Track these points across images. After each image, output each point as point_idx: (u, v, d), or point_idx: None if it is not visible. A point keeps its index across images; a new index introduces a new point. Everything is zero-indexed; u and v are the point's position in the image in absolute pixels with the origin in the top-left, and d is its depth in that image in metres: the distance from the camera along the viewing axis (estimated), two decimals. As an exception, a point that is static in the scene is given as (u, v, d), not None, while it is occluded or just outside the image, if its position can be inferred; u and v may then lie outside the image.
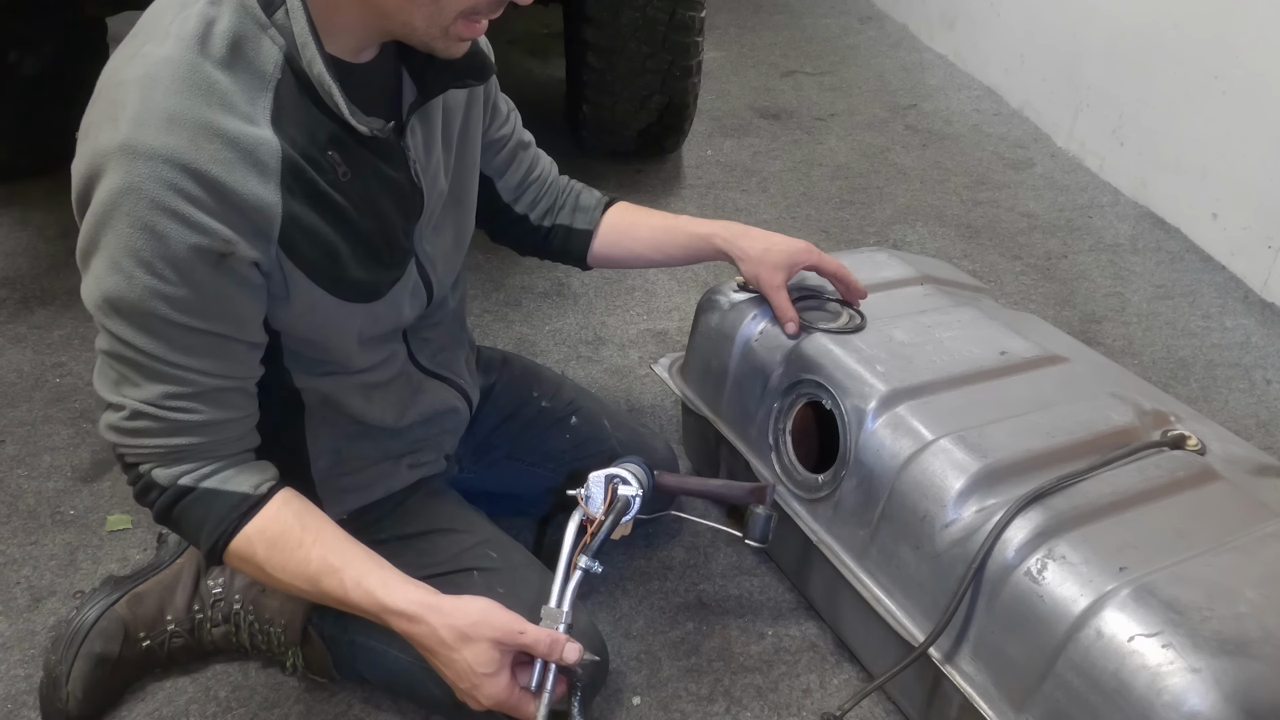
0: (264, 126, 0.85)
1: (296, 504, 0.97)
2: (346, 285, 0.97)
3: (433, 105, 1.03)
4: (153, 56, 0.82)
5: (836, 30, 3.77)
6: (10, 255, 2.15)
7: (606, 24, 2.21)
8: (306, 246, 0.91)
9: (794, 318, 1.29)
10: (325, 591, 0.94)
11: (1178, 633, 0.90)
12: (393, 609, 0.92)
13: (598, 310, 2.04)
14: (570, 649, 0.92)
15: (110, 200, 0.80)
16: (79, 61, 2.34)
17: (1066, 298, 2.16)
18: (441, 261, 1.11)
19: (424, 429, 1.19)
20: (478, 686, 0.90)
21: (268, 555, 0.94)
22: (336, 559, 0.94)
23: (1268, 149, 2.12)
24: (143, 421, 0.91)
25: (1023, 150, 2.83)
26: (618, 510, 1.03)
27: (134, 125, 0.80)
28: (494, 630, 0.91)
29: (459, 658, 0.91)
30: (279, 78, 0.86)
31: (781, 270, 1.29)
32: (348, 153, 0.92)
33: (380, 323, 1.05)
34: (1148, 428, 1.19)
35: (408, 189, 1.01)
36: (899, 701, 1.22)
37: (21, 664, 1.25)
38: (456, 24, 0.88)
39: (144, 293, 0.84)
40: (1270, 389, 1.89)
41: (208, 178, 0.81)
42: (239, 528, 0.94)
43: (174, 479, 0.93)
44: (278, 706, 1.22)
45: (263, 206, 0.85)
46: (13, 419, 1.67)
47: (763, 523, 1.13)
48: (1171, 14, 2.38)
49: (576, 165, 2.62)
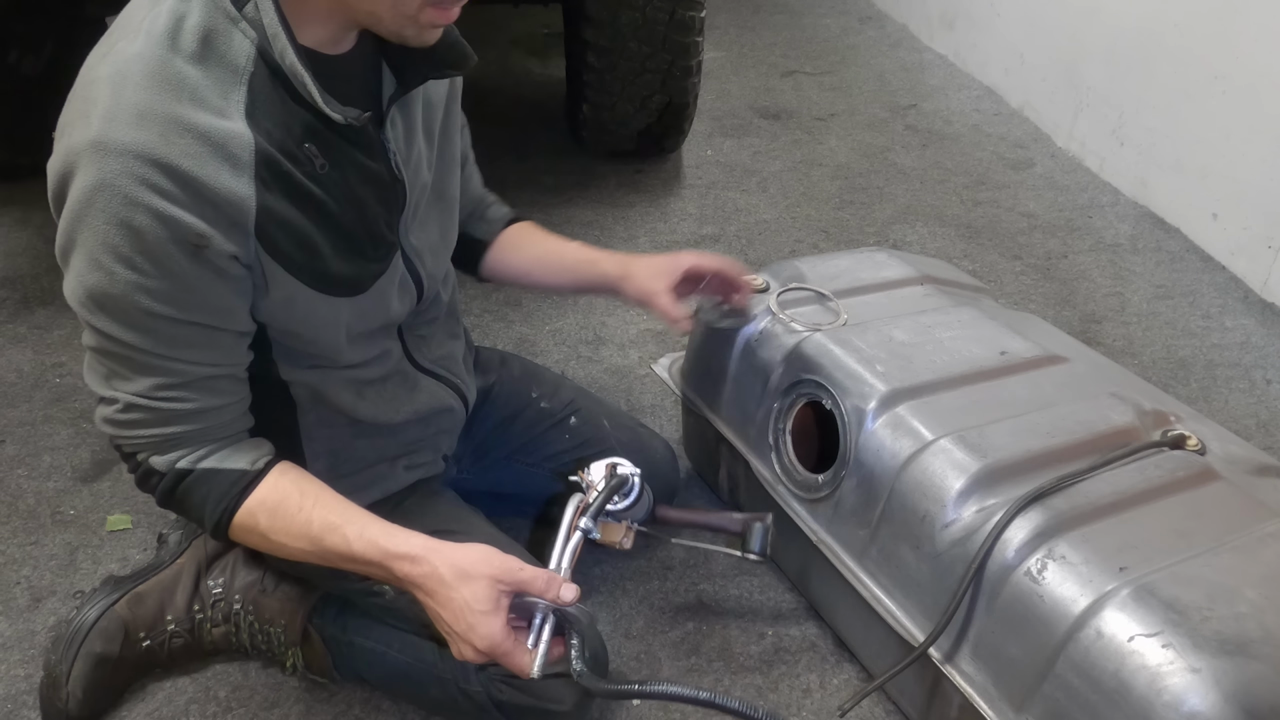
0: (237, 120, 0.85)
1: (293, 473, 0.99)
2: (327, 279, 0.96)
3: (412, 98, 1.03)
4: (124, 54, 0.83)
5: (836, 30, 3.77)
6: (10, 255, 2.15)
7: (606, 24, 2.21)
8: (283, 239, 0.91)
9: (680, 316, 1.26)
10: (329, 549, 0.94)
11: (1178, 633, 0.90)
12: (395, 553, 0.92)
13: (598, 310, 2.04)
14: (567, 588, 0.91)
15: (85, 197, 0.81)
16: (79, 62, 2.34)
17: (1066, 298, 2.16)
18: (429, 255, 1.11)
19: (419, 428, 1.19)
20: (473, 627, 0.89)
21: (270, 523, 0.95)
22: (337, 517, 0.95)
23: (1268, 149, 2.11)
24: (136, 413, 0.92)
25: (1023, 150, 2.83)
26: (616, 483, 1.05)
27: (105, 122, 0.80)
28: (492, 568, 0.90)
29: (457, 595, 0.90)
30: (251, 71, 0.86)
31: (661, 278, 1.26)
32: (325, 144, 0.92)
33: (368, 317, 1.05)
34: (1148, 428, 1.19)
35: (388, 180, 1.00)
36: (899, 701, 1.22)
37: (21, 664, 1.25)
38: (425, 11, 0.87)
39: (125, 287, 0.84)
40: (1270, 389, 1.89)
41: (179, 171, 0.82)
42: (240, 502, 0.95)
43: (171, 464, 0.95)
44: (278, 706, 1.22)
45: (236, 200, 0.85)
46: (13, 419, 1.67)
47: (761, 535, 1.15)
48: (1171, 14, 2.37)
49: (576, 165, 2.65)
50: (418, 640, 1.13)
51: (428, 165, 1.08)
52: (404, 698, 1.22)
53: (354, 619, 1.19)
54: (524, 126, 2.80)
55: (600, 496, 1.03)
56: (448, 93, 1.11)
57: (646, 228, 2.35)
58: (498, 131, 2.69)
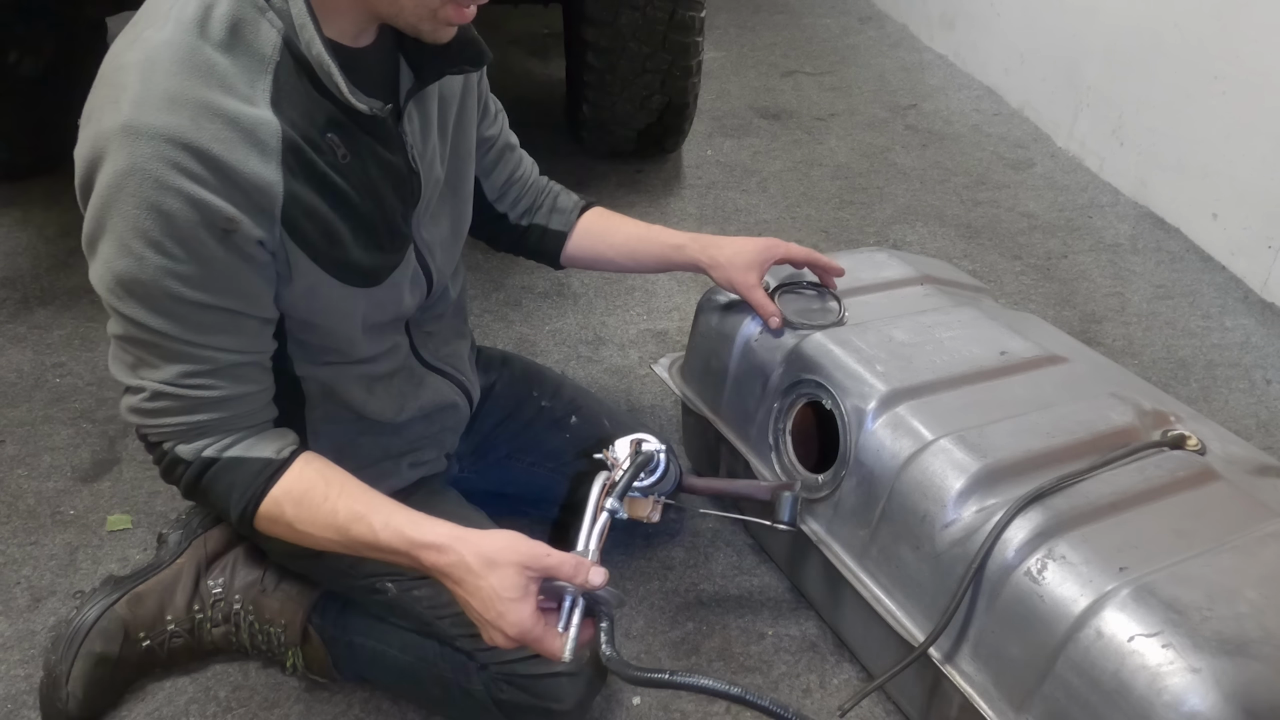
0: (263, 108, 0.86)
1: (318, 463, 0.98)
2: (348, 269, 0.97)
3: (429, 93, 1.04)
4: (153, 41, 0.83)
5: (836, 30, 3.77)
6: (10, 255, 2.15)
7: (606, 24, 2.21)
8: (308, 227, 0.91)
9: (775, 312, 1.30)
10: (355, 538, 0.94)
11: (1178, 633, 0.90)
12: (421, 542, 0.92)
13: (598, 310, 2.04)
14: (595, 571, 0.90)
15: (115, 182, 0.81)
16: (79, 62, 2.34)
17: (1066, 298, 2.16)
18: (440, 250, 1.12)
19: (424, 425, 1.19)
20: (503, 615, 0.89)
21: (296, 513, 0.95)
22: (362, 506, 0.95)
23: (1268, 149, 2.11)
24: (163, 401, 0.92)
25: (1023, 150, 2.83)
26: (641, 460, 1.03)
27: (135, 107, 0.80)
28: (519, 555, 0.90)
29: (485, 584, 0.89)
30: (277, 60, 0.87)
31: (754, 270, 1.30)
32: (347, 135, 0.93)
33: (383, 310, 1.06)
34: (1148, 428, 1.19)
35: (405, 173, 1.01)
36: (899, 701, 1.22)
37: (21, 664, 1.25)
38: (445, 8, 0.89)
39: (156, 272, 0.84)
40: (1270, 389, 1.89)
41: (209, 156, 0.82)
42: (266, 490, 0.95)
43: (198, 453, 0.95)
44: (278, 706, 1.22)
45: (264, 185, 0.86)
46: (13, 419, 1.67)
47: (790, 504, 1.15)
48: (1171, 14, 2.37)
49: (576, 165, 2.65)
50: (418, 640, 1.14)
51: (441, 161, 1.09)
52: (404, 697, 1.22)
53: (354, 619, 1.19)
54: (524, 126, 2.79)
55: (626, 475, 1.01)
56: (462, 88, 1.12)
57: (646, 228, 2.35)
58: (498, 131, 2.69)
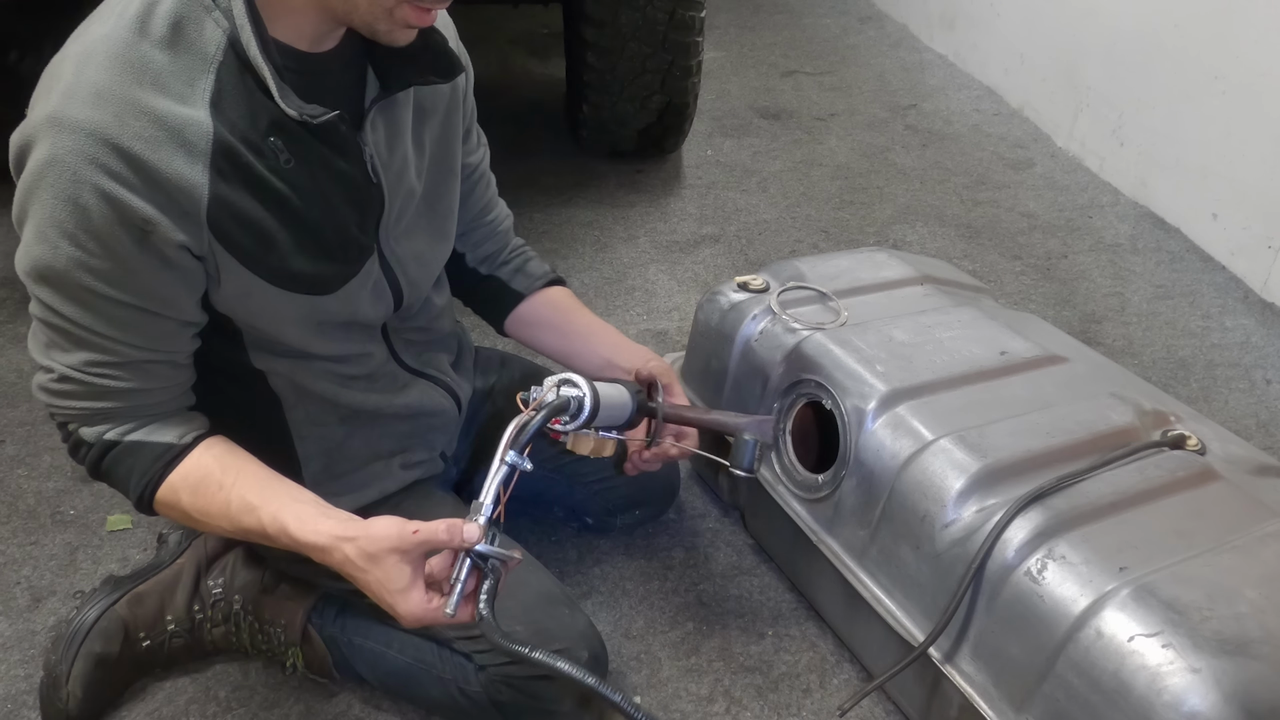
0: (199, 108, 0.85)
1: (220, 448, 0.98)
2: (286, 275, 0.96)
3: (399, 103, 1.02)
4: (93, 34, 0.84)
5: (836, 30, 3.77)
6: (10, 255, 2.14)
7: (606, 24, 2.21)
8: (238, 231, 0.90)
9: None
10: (246, 529, 0.95)
11: (1178, 633, 0.90)
12: (305, 543, 0.92)
13: (597, 311, 2.03)
14: (470, 529, 0.89)
15: (37, 171, 0.82)
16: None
17: (1066, 298, 2.16)
18: (413, 264, 1.09)
19: (410, 423, 1.18)
20: (393, 606, 0.90)
21: (191, 500, 0.95)
22: (255, 497, 0.94)
23: (1268, 149, 2.12)
24: (69, 385, 0.93)
25: (1023, 150, 2.83)
26: (551, 407, 0.96)
27: (63, 99, 0.81)
28: (392, 541, 0.89)
29: (371, 579, 0.90)
30: (221, 60, 0.86)
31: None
32: (293, 140, 0.91)
33: (333, 317, 1.04)
34: (1148, 428, 1.20)
35: (362, 183, 0.99)
36: (899, 701, 1.22)
37: (21, 664, 1.25)
38: (401, 8, 0.86)
39: (68, 263, 0.85)
40: (1270, 389, 1.89)
41: (131, 154, 0.82)
42: (164, 476, 0.95)
43: (99, 435, 0.95)
44: (278, 706, 1.22)
45: (187, 187, 0.85)
46: (13, 419, 1.67)
47: (750, 449, 1.09)
48: (1171, 14, 2.38)
49: (576, 165, 2.65)
50: (418, 640, 1.13)
51: (418, 174, 1.06)
52: (404, 698, 1.22)
53: (354, 619, 1.19)
54: (524, 126, 2.80)
55: (534, 423, 0.94)
56: (448, 103, 1.09)
57: (646, 228, 2.35)
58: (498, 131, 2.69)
